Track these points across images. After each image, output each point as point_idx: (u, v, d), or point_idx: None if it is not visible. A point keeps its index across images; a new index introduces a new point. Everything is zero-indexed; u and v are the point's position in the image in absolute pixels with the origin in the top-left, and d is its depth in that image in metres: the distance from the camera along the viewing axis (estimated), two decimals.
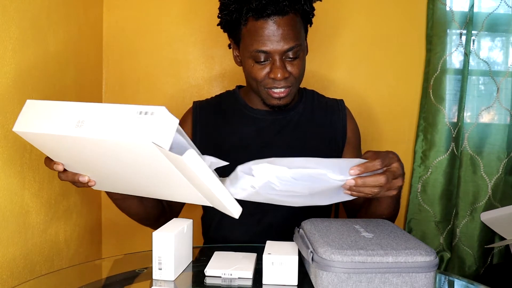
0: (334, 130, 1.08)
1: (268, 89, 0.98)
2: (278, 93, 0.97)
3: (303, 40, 0.98)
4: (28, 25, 0.95)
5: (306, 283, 0.70)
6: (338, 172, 0.69)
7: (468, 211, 1.44)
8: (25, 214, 0.95)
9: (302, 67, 0.98)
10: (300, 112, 1.08)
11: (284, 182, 0.67)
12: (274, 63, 0.94)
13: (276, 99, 0.99)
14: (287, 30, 0.92)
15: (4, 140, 0.87)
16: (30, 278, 0.92)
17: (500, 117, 1.42)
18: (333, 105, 1.12)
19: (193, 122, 1.09)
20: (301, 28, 0.97)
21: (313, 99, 1.12)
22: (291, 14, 0.93)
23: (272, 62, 0.95)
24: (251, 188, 0.68)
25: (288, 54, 0.94)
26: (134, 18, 1.41)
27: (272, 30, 0.91)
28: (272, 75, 0.95)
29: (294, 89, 1.00)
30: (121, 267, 0.88)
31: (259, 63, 0.95)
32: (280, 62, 0.94)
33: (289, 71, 0.95)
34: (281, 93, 0.97)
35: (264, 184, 0.67)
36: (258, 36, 0.93)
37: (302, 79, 1.02)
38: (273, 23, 0.91)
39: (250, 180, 0.68)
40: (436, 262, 0.65)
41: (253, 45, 0.94)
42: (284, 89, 0.97)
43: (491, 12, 1.39)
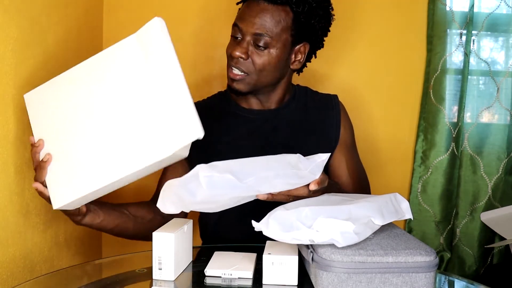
0: (328, 127, 1.07)
1: (228, 67, 0.98)
2: (233, 75, 0.97)
3: (280, 39, 0.95)
4: (28, 25, 0.95)
5: (306, 283, 0.70)
6: (380, 215, 0.70)
7: (468, 211, 1.44)
8: (25, 214, 0.95)
9: (268, 63, 0.95)
10: (293, 110, 1.07)
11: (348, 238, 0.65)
12: (240, 42, 0.96)
13: (230, 79, 0.98)
14: (264, 17, 0.94)
15: (4, 140, 0.87)
16: (30, 278, 0.92)
17: (500, 117, 1.42)
18: (327, 102, 1.10)
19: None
20: (285, 27, 0.95)
21: (306, 96, 1.10)
22: (280, 7, 0.94)
23: (239, 41, 0.96)
24: (308, 241, 0.65)
25: (257, 41, 0.94)
26: (134, 18, 1.40)
27: (253, 11, 0.94)
28: (229, 50, 0.96)
29: (251, 80, 0.97)
30: (121, 267, 0.88)
31: (233, 38, 0.98)
32: (245, 43, 0.95)
33: (251, 57, 0.95)
34: (235, 75, 0.97)
35: (326, 240, 0.64)
36: (240, 12, 0.98)
37: (266, 76, 0.98)
38: (258, 6, 0.94)
39: (310, 234, 0.65)
40: (436, 262, 0.65)
41: (235, 19, 0.98)
42: (240, 72, 0.96)
43: (491, 12, 1.39)
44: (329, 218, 0.65)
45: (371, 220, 0.68)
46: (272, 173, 0.70)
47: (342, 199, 0.76)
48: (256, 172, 0.69)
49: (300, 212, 0.66)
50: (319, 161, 0.74)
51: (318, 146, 1.05)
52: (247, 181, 0.68)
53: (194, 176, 0.68)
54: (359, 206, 0.69)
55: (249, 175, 0.69)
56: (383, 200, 0.74)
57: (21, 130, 0.93)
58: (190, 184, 0.68)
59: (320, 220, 0.65)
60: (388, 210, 0.72)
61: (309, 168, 0.73)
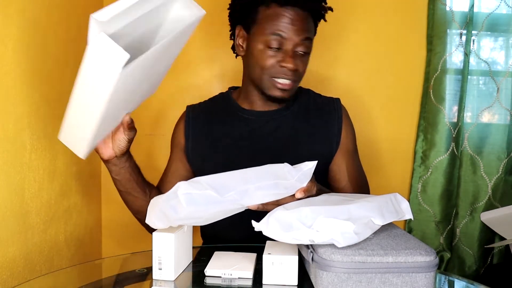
0: (329, 131, 1.06)
1: (274, 78, 0.97)
2: (283, 84, 0.97)
3: (312, 40, 1.01)
4: (28, 25, 0.95)
5: (306, 283, 0.70)
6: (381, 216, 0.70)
7: (468, 211, 1.44)
8: (25, 214, 0.95)
9: (307, 66, 1.01)
10: (295, 112, 1.07)
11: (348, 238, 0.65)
12: (287, 53, 0.95)
13: (279, 90, 0.98)
14: (305, 23, 0.96)
15: (4, 140, 0.87)
16: (30, 278, 0.92)
17: (500, 117, 1.42)
18: (329, 105, 1.10)
19: (185, 126, 1.09)
20: (313, 29, 1.01)
21: (309, 98, 1.10)
22: (308, 12, 0.97)
23: (284, 52, 0.96)
24: (308, 241, 0.66)
25: (300, 48, 0.96)
26: None
27: (293, 19, 0.95)
28: (284, 64, 0.95)
29: (297, 85, 1.01)
30: (121, 267, 0.88)
31: (271, 49, 0.96)
32: (292, 53, 0.96)
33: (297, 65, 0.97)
34: (286, 85, 0.97)
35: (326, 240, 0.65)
36: (279, 21, 0.95)
37: (302, 79, 1.03)
38: (295, 13, 0.95)
39: (310, 234, 0.65)
40: (436, 262, 0.65)
41: (271, 28, 0.95)
42: (289, 81, 0.97)
43: (491, 12, 1.39)
44: (329, 218, 0.65)
45: (371, 220, 0.68)
46: (253, 186, 0.69)
47: (342, 199, 0.76)
48: (237, 186, 0.69)
49: (300, 212, 0.66)
50: (306, 169, 0.73)
51: (319, 149, 1.05)
52: (227, 196, 0.68)
53: (174, 193, 0.67)
54: (359, 206, 0.69)
55: (230, 189, 0.68)
56: (383, 200, 0.74)
57: (21, 130, 0.93)
58: (172, 201, 0.68)
59: (320, 220, 0.65)
60: (388, 210, 0.72)
61: (295, 177, 0.73)
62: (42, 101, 1.01)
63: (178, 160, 1.10)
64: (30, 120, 0.96)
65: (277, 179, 0.72)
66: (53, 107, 1.07)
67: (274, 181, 0.71)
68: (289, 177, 0.72)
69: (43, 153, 1.02)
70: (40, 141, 1.01)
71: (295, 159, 1.01)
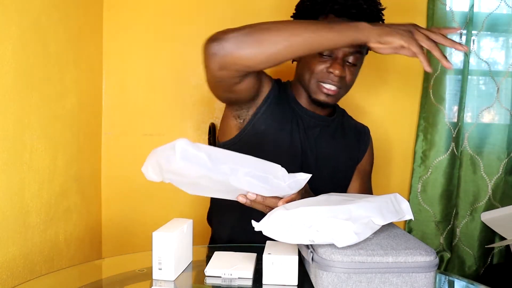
0: (357, 151, 1.15)
1: (320, 82, 1.00)
2: (328, 89, 1.00)
3: (363, 54, 1.03)
4: (28, 25, 0.95)
5: (306, 283, 0.70)
6: (382, 217, 0.71)
7: (468, 211, 1.44)
8: (25, 214, 0.95)
9: (355, 77, 1.03)
10: (335, 125, 1.12)
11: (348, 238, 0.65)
12: (336, 60, 0.98)
13: (324, 94, 1.01)
14: None
15: (4, 140, 0.87)
16: (30, 278, 0.92)
17: (500, 117, 1.42)
18: (360, 129, 1.18)
19: (271, 88, 1.04)
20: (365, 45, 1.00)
21: (343, 117, 1.16)
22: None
23: (333, 59, 0.99)
24: (308, 241, 0.66)
25: (349, 58, 0.99)
26: (134, 18, 1.41)
27: None
28: (331, 69, 0.98)
29: (342, 93, 1.03)
30: (121, 267, 0.88)
31: (322, 56, 0.99)
32: (341, 61, 0.99)
33: (345, 75, 1.00)
34: (330, 90, 1.00)
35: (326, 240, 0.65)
36: None
37: (349, 89, 1.05)
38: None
39: (310, 234, 0.65)
40: (436, 262, 0.65)
41: None
42: (335, 87, 1.00)
43: (491, 12, 1.39)
44: (329, 218, 0.65)
45: (371, 220, 0.68)
46: (244, 170, 0.71)
47: (342, 199, 0.76)
48: (231, 164, 0.71)
49: (300, 212, 0.66)
50: (300, 178, 0.75)
51: (349, 165, 1.13)
52: (218, 167, 0.70)
53: (172, 145, 0.69)
54: (359, 206, 0.69)
55: (224, 163, 0.70)
56: (383, 200, 0.74)
57: (21, 130, 0.93)
58: (168, 152, 0.70)
59: (320, 220, 0.65)
60: (389, 210, 0.72)
61: (287, 182, 0.74)
62: (42, 101, 1.01)
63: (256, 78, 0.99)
64: (30, 120, 0.96)
65: (270, 175, 0.73)
66: (53, 107, 1.07)
67: (265, 174, 0.72)
68: (281, 180, 0.73)
69: (43, 153, 1.03)
70: (40, 141, 1.01)
71: (329, 166, 1.07)
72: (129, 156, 1.40)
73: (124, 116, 1.43)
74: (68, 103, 1.15)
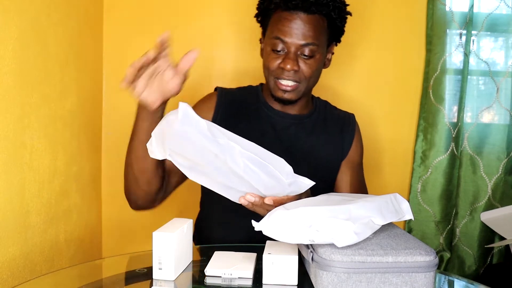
0: (342, 142, 1.11)
1: (277, 79, 1.00)
2: (285, 86, 0.99)
3: (322, 45, 1.00)
4: (28, 25, 0.95)
5: (306, 283, 0.70)
6: (382, 217, 0.71)
7: (468, 211, 1.44)
8: (25, 214, 0.95)
9: (315, 69, 1.00)
10: (314, 120, 1.10)
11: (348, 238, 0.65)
12: (288, 55, 0.97)
13: (281, 91, 1.00)
14: (308, 28, 0.96)
15: (4, 140, 0.87)
16: (30, 278, 0.92)
17: (500, 117, 1.42)
18: (344, 119, 1.14)
19: (217, 102, 1.07)
20: (324, 33, 1.00)
21: (326, 110, 1.14)
22: (317, 15, 0.97)
23: (286, 54, 0.98)
24: (308, 241, 0.66)
25: (303, 51, 0.97)
26: (134, 18, 1.41)
27: (295, 23, 0.96)
28: (282, 65, 0.97)
29: (302, 87, 1.01)
30: (121, 267, 0.88)
31: (275, 52, 0.98)
32: (293, 55, 0.97)
33: (300, 67, 0.98)
34: (287, 86, 0.99)
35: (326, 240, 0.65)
36: (280, 25, 0.97)
37: (313, 82, 1.03)
38: (297, 17, 0.96)
39: (310, 234, 0.65)
40: (436, 262, 0.65)
41: (274, 32, 0.98)
42: (292, 83, 0.99)
43: (491, 12, 1.39)
44: (329, 218, 0.65)
45: (371, 220, 0.68)
46: (244, 151, 0.70)
47: (342, 198, 0.76)
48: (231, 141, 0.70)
49: (300, 212, 0.66)
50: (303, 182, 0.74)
51: (332, 158, 1.09)
52: (217, 139, 0.69)
53: (175, 110, 0.70)
54: (359, 206, 0.69)
55: (222, 137, 0.70)
56: (383, 200, 0.74)
57: (21, 130, 0.93)
58: (172, 116, 0.71)
59: (320, 220, 0.65)
60: (389, 210, 0.72)
61: (289, 180, 0.73)
62: (42, 101, 1.01)
63: None
64: (30, 120, 0.96)
65: (270, 165, 0.72)
66: (53, 107, 1.07)
67: (265, 163, 0.71)
68: (284, 177, 0.73)
69: (43, 153, 1.03)
70: (40, 141, 1.01)
71: (310, 164, 1.05)
72: None
73: (124, 116, 1.42)
74: (68, 103, 1.15)
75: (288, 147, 1.04)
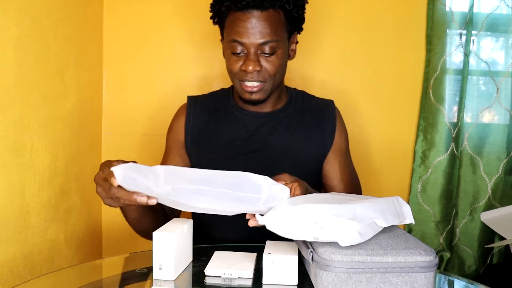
0: (323, 132, 1.08)
1: (241, 81, 0.98)
2: (250, 87, 0.98)
3: (282, 38, 0.97)
4: (28, 25, 0.95)
5: (306, 283, 0.70)
6: (384, 219, 0.70)
7: (468, 211, 1.44)
8: (25, 214, 0.95)
9: (279, 65, 0.97)
10: (290, 114, 1.08)
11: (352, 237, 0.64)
12: (248, 56, 0.95)
13: (247, 93, 0.99)
14: (264, 25, 0.93)
15: (4, 140, 0.87)
16: (30, 278, 0.92)
17: (500, 117, 1.42)
18: (323, 107, 1.11)
19: (186, 115, 1.09)
20: (282, 26, 0.97)
21: (303, 100, 1.11)
22: (272, 10, 0.94)
23: (246, 55, 0.96)
24: (312, 238, 0.65)
25: (263, 49, 0.95)
26: (134, 18, 1.41)
27: (250, 23, 0.93)
28: (244, 67, 0.96)
29: (269, 86, 0.99)
30: (121, 267, 0.88)
31: (235, 55, 0.97)
32: (254, 56, 0.95)
33: (263, 66, 0.96)
34: (253, 87, 0.97)
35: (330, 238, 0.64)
36: (235, 27, 0.94)
37: (279, 78, 1.01)
38: (251, 16, 0.93)
39: (314, 231, 0.64)
40: (436, 262, 0.65)
41: (230, 35, 0.96)
42: (257, 83, 0.97)
43: (491, 12, 1.39)
44: (335, 216, 0.65)
45: (374, 221, 0.68)
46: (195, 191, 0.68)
47: (346, 198, 0.76)
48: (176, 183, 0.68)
49: (306, 208, 0.66)
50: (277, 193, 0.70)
51: (314, 151, 1.06)
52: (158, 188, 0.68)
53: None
54: (364, 207, 0.69)
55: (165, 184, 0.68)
56: (386, 202, 0.74)
57: (21, 130, 0.93)
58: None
59: (326, 218, 0.65)
60: (391, 212, 0.72)
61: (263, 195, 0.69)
62: (42, 101, 1.01)
63: (176, 155, 1.08)
64: (30, 120, 0.96)
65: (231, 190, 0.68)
66: (53, 107, 1.07)
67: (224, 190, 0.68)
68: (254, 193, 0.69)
69: (43, 153, 1.03)
70: (40, 141, 1.01)
71: (291, 160, 1.03)
72: (129, 156, 1.40)
73: (124, 116, 1.43)
74: (68, 103, 1.15)
75: (264, 147, 1.03)
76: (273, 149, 1.03)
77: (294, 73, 1.43)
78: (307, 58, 1.43)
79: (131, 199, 0.68)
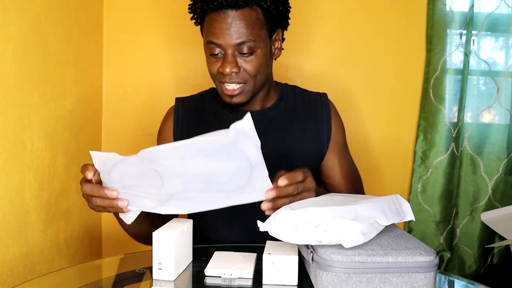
0: (319, 127, 1.05)
1: (221, 83, 0.96)
2: (230, 90, 0.94)
3: (261, 37, 0.94)
4: (28, 25, 0.95)
5: (306, 283, 0.70)
6: (385, 218, 0.70)
7: (468, 211, 1.44)
8: (25, 214, 0.95)
9: (259, 65, 0.94)
10: (282, 111, 1.05)
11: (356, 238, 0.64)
12: (225, 57, 0.92)
13: (228, 96, 0.96)
14: (240, 25, 0.90)
15: (4, 140, 0.87)
16: (30, 278, 0.92)
17: (500, 117, 1.42)
18: (317, 100, 1.07)
19: (174, 118, 1.07)
20: (261, 25, 0.93)
21: (295, 95, 1.08)
22: (248, 9, 0.91)
23: (224, 56, 0.93)
24: (316, 242, 0.65)
25: (241, 50, 0.91)
26: (134, 18, 1.41)
27: (225, 23, 0.90)
28: (221, 69, 0.93)
29: (250, 87, 0.96)
30: (121, 267, 0.88)
31: (213, 56, 0.94)
32: (231, 57, 0.92)
33: (242, 67, 0.93)
34: (234, 91, 0.94)
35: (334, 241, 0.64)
36: (211, 28, 0.92)
37: (261, 79, 0.97)
38: (226, 16, 0.90)
39: (317, 234, 0.64)
40: (436, 262, 0.65)
41: (207, 36, 0.94)
42: (237, 85, 0.94)
43: (491, 12, 1.39)
44: (337, 218, 0.65)
45: (376, 220, 0.68)
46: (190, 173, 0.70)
47: (345, 199, 0.76)
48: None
49: (307, 212, 0.66)
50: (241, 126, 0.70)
51: (311, 148, 1.04)
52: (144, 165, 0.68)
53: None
54: (365, 207, 0.69)
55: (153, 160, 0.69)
56: (386, 201, 0.74)
57: (21, 130, 0.93)
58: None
59: (328, 220, 0.65)
60: (391, 211, 0.72)
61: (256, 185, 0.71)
62: (42, 101, 1.01)
63: None
64: (30, 120, 0.96)
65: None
66: (53, 107, 1.07)
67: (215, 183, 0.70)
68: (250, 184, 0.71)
69: (43, 153, 1.03)
70: (40, 141, 1.01)
71: (287, 158, 1.02)
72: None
73: (124, 116, 1.43)
74: (68, 103, 1.15)
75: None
76: (266, 148, 1.02)
77: (294, 73, 1.43)
78: (306, 58, 1.43)
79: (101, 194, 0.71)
